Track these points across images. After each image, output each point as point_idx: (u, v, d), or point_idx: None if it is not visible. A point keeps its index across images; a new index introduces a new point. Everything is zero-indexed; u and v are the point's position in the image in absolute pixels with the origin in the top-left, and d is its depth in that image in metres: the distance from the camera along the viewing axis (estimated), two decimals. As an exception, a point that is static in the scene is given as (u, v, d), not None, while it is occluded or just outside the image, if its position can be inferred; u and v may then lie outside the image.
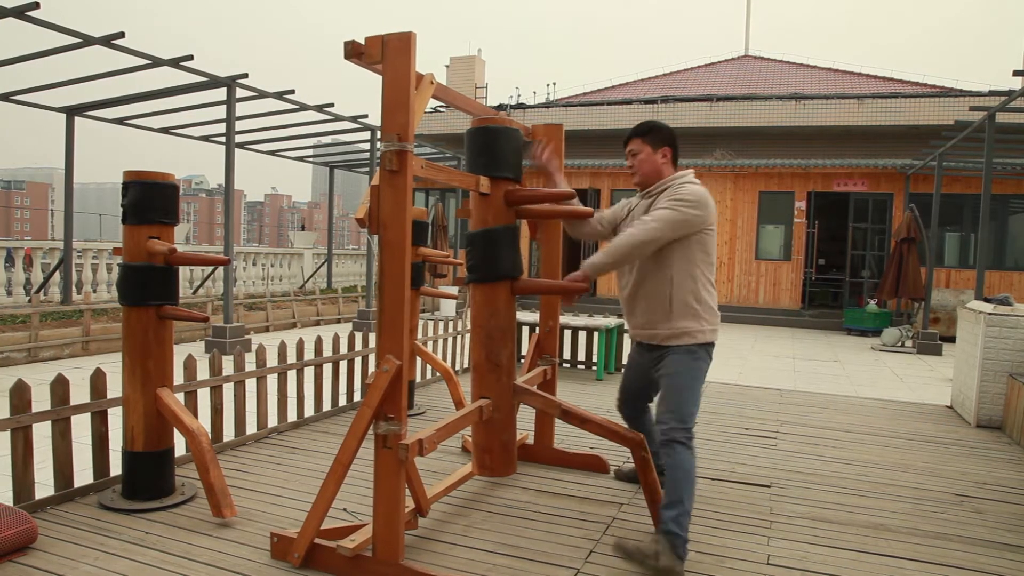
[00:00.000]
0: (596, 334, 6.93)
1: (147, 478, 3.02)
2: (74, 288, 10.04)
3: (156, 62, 7.39)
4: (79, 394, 3.19)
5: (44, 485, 3.08)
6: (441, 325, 6.18)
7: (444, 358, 6.01)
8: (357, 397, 4.93)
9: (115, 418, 3.21)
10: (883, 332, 11.09)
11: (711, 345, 2.75)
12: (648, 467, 2.84)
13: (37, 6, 6.09)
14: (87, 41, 6.82)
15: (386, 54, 2.27)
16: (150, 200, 3.01)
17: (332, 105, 9.87)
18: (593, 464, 3.64)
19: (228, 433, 3.88)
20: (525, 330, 7.13)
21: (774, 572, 2.54)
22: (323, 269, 15.55)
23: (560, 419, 3.07)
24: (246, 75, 8.27)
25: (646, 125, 2.88)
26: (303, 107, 9.55)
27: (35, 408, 2.89)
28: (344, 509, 2.98)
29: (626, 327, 3.05)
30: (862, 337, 12.28)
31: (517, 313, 3.32)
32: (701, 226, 2.67)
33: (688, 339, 2.67)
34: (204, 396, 3.75)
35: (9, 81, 8.91)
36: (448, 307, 13.12)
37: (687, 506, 2.49)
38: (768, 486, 3.47)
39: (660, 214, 2.64)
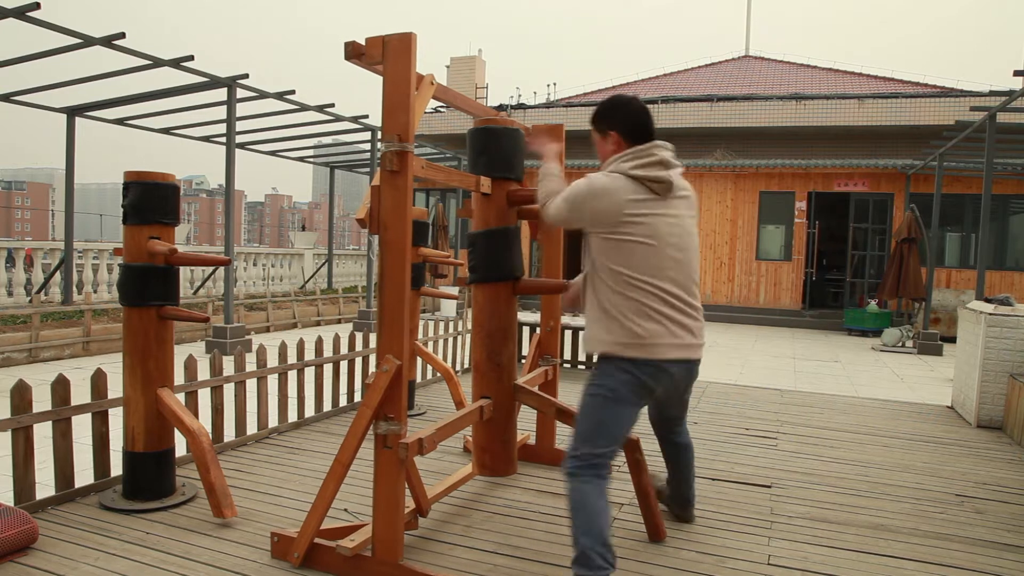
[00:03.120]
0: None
1: (148, 478, 3.02)
2: (75, 288, 10.04)
3: (157, 63, 7.40)
4: (80, 394, 3.20)
5: (45, 485, 3.09)
6: (442, 325, 6.18)
7: (445, 358, 6.02)
8: (357, 397, 4.93)
9: (116, 418, 3.21)
10: (884, 332, 11.09)
11: (616, 365, 2.26)
12: (640, 469, 2.83)
13: (38, 6, 6.10)
14: (88, 42, 6.82)
15: (387, 55, 2.27)
16: (151, 200, 3.02)
17: (333, 105, 9.88)
18: (593, 464, 3.63)
19: (229, 433, 3.88)
20: (526, 330, 7.12)
21: (774, 572, 2.54)
22: (324, 269, 15.56)
23: (555, 418, 3.07)
24: (247, 75, 8.27)
25: (599, 105, 2.51)
26: (304, 107, 9.55)
27: (36, 408, 2.89)
28: (344, 509, 2.98)
29: None
30: (862, 337, 12.28)
31: (518, 313, 3.33)
32: (580, 224, 2.32)
33: (592, 348, 2.36)
34: (205, 396, 3.76)
35: (10, 81, 8.93)
36: (449, 307, 13.12)
37: (584, 542, 2.14)
38: (768, 486, 3.47)
39: (565, 195, 2.36)
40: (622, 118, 2.41)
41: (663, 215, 2.26)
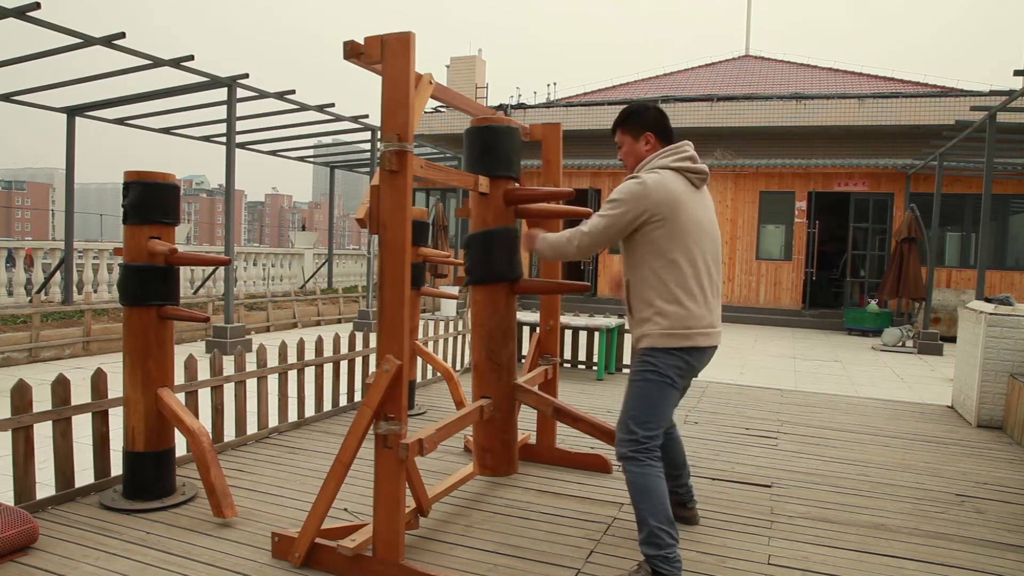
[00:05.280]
0: (596, 334, 6.93)
1: (148, 478, 3.02)
2: (75, 288, 10.04)
3: (157, 62, 7.39)
4: (80, 394, 3.20)
5: (45, 485, 3.09)
6: (441, 325, 6.18)
7: (444, 358, 6.02)
8: (357, 397, 4.93)
9: (116, 418, 3.21)
10: (884, 332, 11.09)
11: (669, 352, 2.41)
12: None
13: (38, 6, 6.10)
14: (88, 41, 6.82)
15: (385, 54, 2.27)
16: (151, 200, 3.02)
17: (333, 105, 9.88)
18: (595, 464, 3.64)
19: (229, 433, 3.88)
20: (526, 330, 7.12)
21: (775, 572, 2.54)
22: (324, 269, 15.55)
23: (552, 417, 3.07)
24: (247, 75, 8.27)
25: (624, 111, 2.64)
26: (304, 107, 9.55)
27: (36, 408, 2.89)
28: (345, 509, 2.98)
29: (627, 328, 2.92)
30: (863, 337, 12.27)
31: (518, 313, 3.34)
32: (637, 222, 2.40)
33: (641, 343, 2.47)
34: (205, 396, 3.76)
35: (10, 81, 8.93)
36: (448, 307, 13.12)
37: (652, 524, 2.33)
38: (769, 486, 3.47)
39: (590, 221, 2.49)
40: (655, 120, 2.58)
41: (700, 205, 2.49)
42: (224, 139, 8.89)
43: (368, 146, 12.72)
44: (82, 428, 3.22)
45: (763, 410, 5.22)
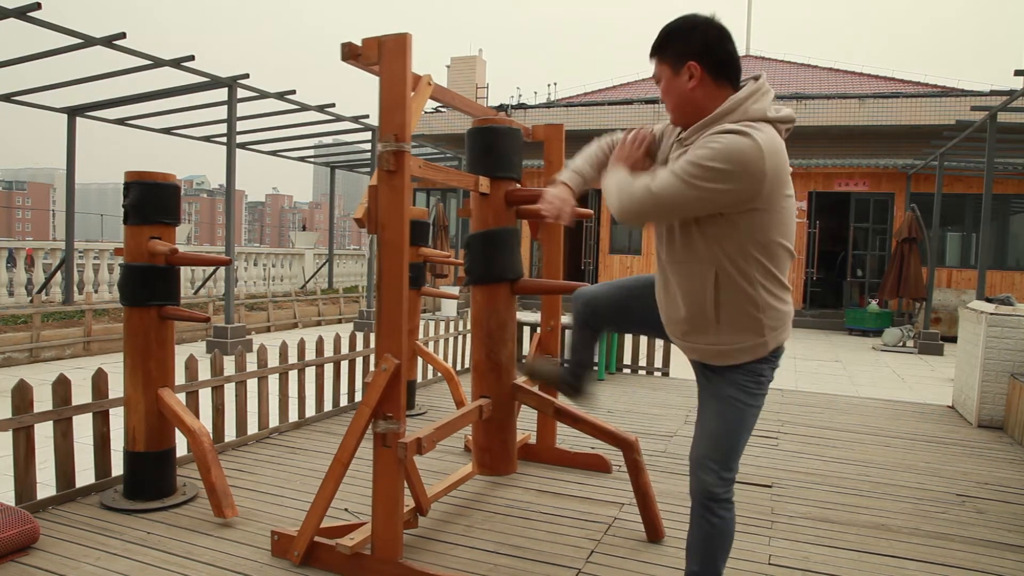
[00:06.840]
0: (597, 334, 6.91)
1: (148, 478, 3.03)
2: (75, 288, 10.05)
3: (157, 62, 7.40)
4: (81, 394, 3.20)
5: (46, 485, 3.09)
6: (442, 325, 6.19)
7: (445, 358, 6.02)
8: (358, 397, 4.93)
9: (117, 418, 3.22)
10: (884, 332, 11.08)
11: (777, 352, 1.94)
12: (639, 470, 2.83)
13: (38, 7, 6.10)
14: (88, 42, 6.82)
15: (383, 55, 2.27)
16: (151, 200, 3.02)
17: (333, 105, 9.88)
18: (595, 464, 3.64)
19: (229, 433, 3.88)
20: (526, 330, 7.12)
21: (775, 572, 2.54)
22: (324, 269, 15.56)
23: (553, 418, 3.08)
24: (247, 75, 8.28)
25: (663, 30, 1.84)
26: (304, 107, 9.55)
27: (37, 408, 2.90)
28: (345, 508, 2.98)
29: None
30: (863, 337, 12.27)
31: (518, 313, 3.33)
32: (737, 204, 1.72)
33: (748, 356, 1.89)
34: (205, 396, 3.76)
35: (10, 81, 8.92)
36: (449, 307, 13.12)
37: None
38: (769, 486, 3.47)
39: (664, 179, 1.72)
40: (703, 44, 1.78)
41: None
42: (224, 139, 8.89)
43: (368, 146, 12.72)
44: (83, 428, 3.22)
45: (763, 410, 5.20)
